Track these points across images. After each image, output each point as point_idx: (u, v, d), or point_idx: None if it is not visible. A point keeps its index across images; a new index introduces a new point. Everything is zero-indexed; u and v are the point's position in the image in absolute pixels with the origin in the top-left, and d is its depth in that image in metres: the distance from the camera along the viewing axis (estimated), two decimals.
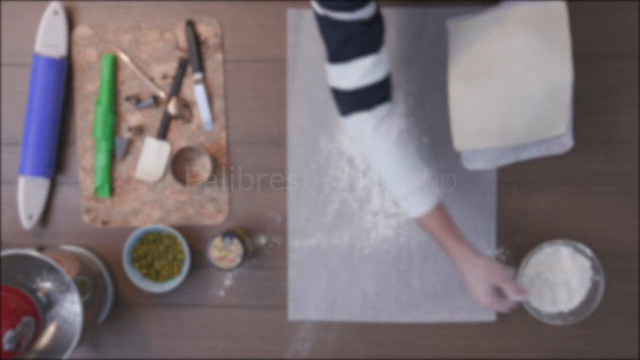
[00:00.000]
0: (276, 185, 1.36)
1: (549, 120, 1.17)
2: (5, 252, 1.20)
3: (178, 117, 1.36)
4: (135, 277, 1.35)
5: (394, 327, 1.36)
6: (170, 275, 1.36)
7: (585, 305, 1.30)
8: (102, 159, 1.35)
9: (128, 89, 1.37)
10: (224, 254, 1.28)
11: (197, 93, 1.35)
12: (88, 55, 1.36)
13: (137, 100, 1.36)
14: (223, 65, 1.36)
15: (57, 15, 1.33)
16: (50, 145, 1.35)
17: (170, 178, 1.36)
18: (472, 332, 1.35)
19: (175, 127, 1.37)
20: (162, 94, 1.36)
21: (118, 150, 1.36)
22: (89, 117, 1.37)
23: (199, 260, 1.37)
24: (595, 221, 1.33)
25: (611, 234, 1.33)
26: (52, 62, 1.33)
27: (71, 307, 1.26)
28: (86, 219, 1.38)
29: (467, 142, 1.21)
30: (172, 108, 1.35)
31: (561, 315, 1.31)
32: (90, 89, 1.37)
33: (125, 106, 1.37)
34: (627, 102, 1.32)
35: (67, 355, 1.21)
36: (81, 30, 1.36)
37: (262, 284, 1.37)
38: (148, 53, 1.36)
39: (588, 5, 1.31)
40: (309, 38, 1.34)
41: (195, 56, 1.34)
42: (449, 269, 1.34)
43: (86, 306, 1.22)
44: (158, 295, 1.38)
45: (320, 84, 1.34)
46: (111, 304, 1.37)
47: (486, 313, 1.34)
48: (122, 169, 1.37)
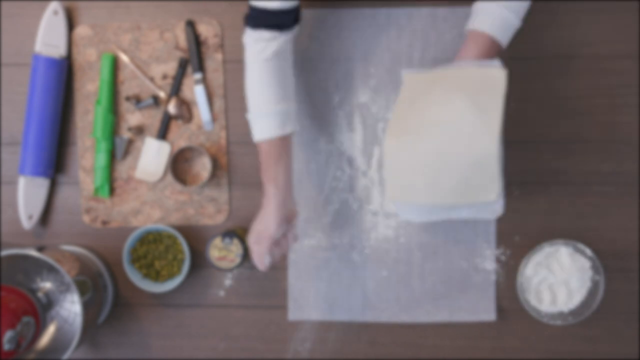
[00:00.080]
0: None
1: (478, 186, 1.15)
2: (5, 252, 1.20)
3: (178, 117, 1.36)
4: (135, 277, 1.35)
5: (394, 327, 1.36)
6: (170, 275, 1.36)
7: (585, 305, 1.30)
8: (102, 159, 1.35)
9: (128, 89, 1.37)
10: (224, 254, 1.28)
11: (197, 93, 1.35)
12: (88, 55, 1.36)
13: (137, 100, 1.36)
14: (223, 65, 1.36)
15: (57, 15, 1.33)
16: (50, 145, 1.35)
17: (170, 178, 1.36)
18: (472, 332, 1.35)
19: (175, 127, 1.37)
20: (162, 94, 1.36)
21: (118, 150, 1.36)
22: (89, 117, 1.37)
23: (199, 260, 1.37)
24: (595, 221, 1.33)
25: (611, 234, 1.33)
26: (52, 62, 1.33)
27: (71, 307, 1.26)
28: (86, 219, 1.38)
29: (398, 194, 1.20)
30: (172, 108, 1.35)
31: (561, 315, 1.31)
32: (90, 89, 1.37)
33: (125, 106, 1.37)
34: (627, 102, 1.32)
35: (67, 355, 1.21)
36: (81, 30, 1.36)
37: (262, 284, 1.37)
38: (148, 53, 1.36)
39: (588, 5, 1.31)
40: (309, 38, 1.34)
41: (195, 56, 1.34)
42: (449, 269, 1.34)
43: (86, 306, 1.22)
44: (158, 295, 1.38)
45: (321, 84, 1.34)
46: (111, 304, 1.37)
47: (486, 313, 1.34)
48: (122, 169, 1.37)
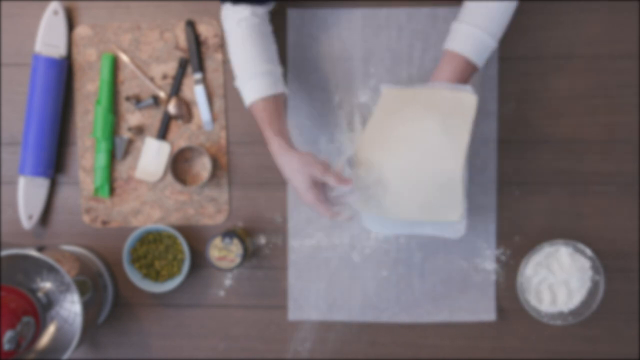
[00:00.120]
0: (276, 185, 1.36)
1: (442, 206, 1.17)
2: (5, 252, 1.20)
3: (178, 117, 1.36)
4: (135, 277, 1.35)
5: (394, 327, 1.36)
6: (170, 275, 1.36)
7: (585, 305, 1.30)
8: (102, 159, 1.35)
9: (128, 89, 1.37)
10: (224, 254, 1.28)
11: (197, 93, 1.35)
12: (88, 55, 1.36)
13: (137, 100, 1.36)
14: (223, 65, 1.36)
15: (57, 15, 1.33)
16: (50, 145, 1.35)
17: (170, 178, 1.36)
18: (472, 332, 1.35)
19: (175, 127, 1.37)
20: (162, 94, 1.36)
21: (118, 150, 1.36)
22: (89, 117, 1.37)
23: (199, 260, 1.37)
24: (595, 221, 1.33)
25: (611, 234, 1.33)
26: (52, 62, 1.33)
27: (71, 307, 1.26)
28: (86, 219, 1.38)
29: (365, 205, 1.21)
30: (172, 108, 1.35)
31: (561, 315, 1.31)
32: (90, 89, 1.37)
33: (125, 106, 1.37)
34: (627, 102, 1.32)
35: (67, 355, 1.21)
36: (81, 30, 1.36)
37: (262, 284, 1.37)
38: (148, 53, 1.36)
39: (588, 5, 1.31)
40: (309, 38, 1.34)
41: (195, 56, 1.34)
42: (449, 269, 1.34)
43: (86, 306, 1.22)
44: (158, 295, 1.38)
45: (321, 84, 1.34)
46: (111, 304, 1.37)
47: (486, 313, 1.34)
48: (122, 169, 1.37)
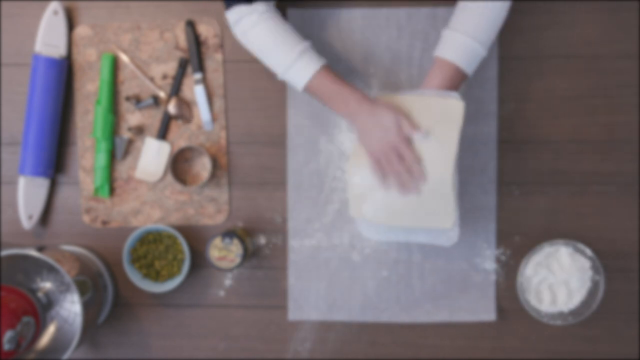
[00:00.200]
0: (276, 185, 1.36)
1: (434, 213, 1.18)
2: (5, 252, 1.20)
3: (178, 117, 1.36)
4: (135, 277, 1.35)
5: (394, 327, 1.36)
6: (170, 275, 1.36)
7: (585, 305, 1.30)
8: (102, 159, 1.35)
9: (128, 89, 1.37)
10: (224, 254, 1.28)
11: (197, 93, 1.35)
12: (88, 55, 1.36)
13: (137, 100, 1.36)
14: (223, 65, 1.36)
15: (57, 15, 1.33)
16: (50, 145, 1.35)
17: (170, 178, 1.36)
18: (472, 332, 1.35)
19: (175, 127, 1.37)
20: (162, 94, 1.36)
21: (118, 150, 1.36)
22: (89, 117, 1.37)
23: (199, 260, 1.37)
24: (595, 221, 1.33)
25: (611, 234, 1.33)
26: (52, 62, 1.33)
27: (71, 307, 1.26)
28: (86, 219, 1.38)
29: (358, 211, 1.22)
30: (172, 108, 1.35)
31: (561, 315, 1.31)
32: (90, 89, 1.37)
33: (125, 106, 1.37)
34: (627, 102, 1.32)
35: (67, 355, 1.21)
36: (81, 30, 1.36)
37: (262, 284, 1.37)
38: (148, 53, 1.36)
39: (588, 5, 1.31)
40: (309, 38, 1.34)
41: (195, 56, 1.34)
42: (449, 269, 1.34)
43: (86, 306, 1.22)
44: (158, 295, 1.38)
45: None
46: (111, 304, 1.37)
47: (486, 313, 1.34)
48: (122, 169, 1.37)
